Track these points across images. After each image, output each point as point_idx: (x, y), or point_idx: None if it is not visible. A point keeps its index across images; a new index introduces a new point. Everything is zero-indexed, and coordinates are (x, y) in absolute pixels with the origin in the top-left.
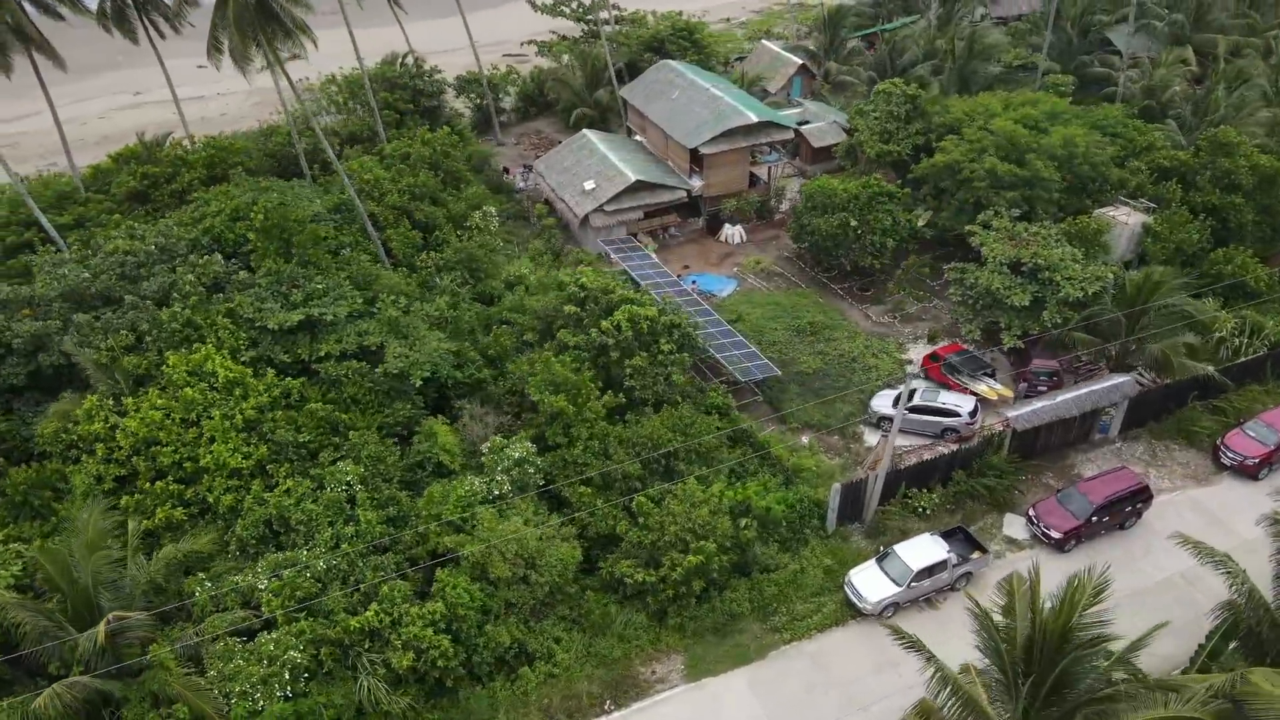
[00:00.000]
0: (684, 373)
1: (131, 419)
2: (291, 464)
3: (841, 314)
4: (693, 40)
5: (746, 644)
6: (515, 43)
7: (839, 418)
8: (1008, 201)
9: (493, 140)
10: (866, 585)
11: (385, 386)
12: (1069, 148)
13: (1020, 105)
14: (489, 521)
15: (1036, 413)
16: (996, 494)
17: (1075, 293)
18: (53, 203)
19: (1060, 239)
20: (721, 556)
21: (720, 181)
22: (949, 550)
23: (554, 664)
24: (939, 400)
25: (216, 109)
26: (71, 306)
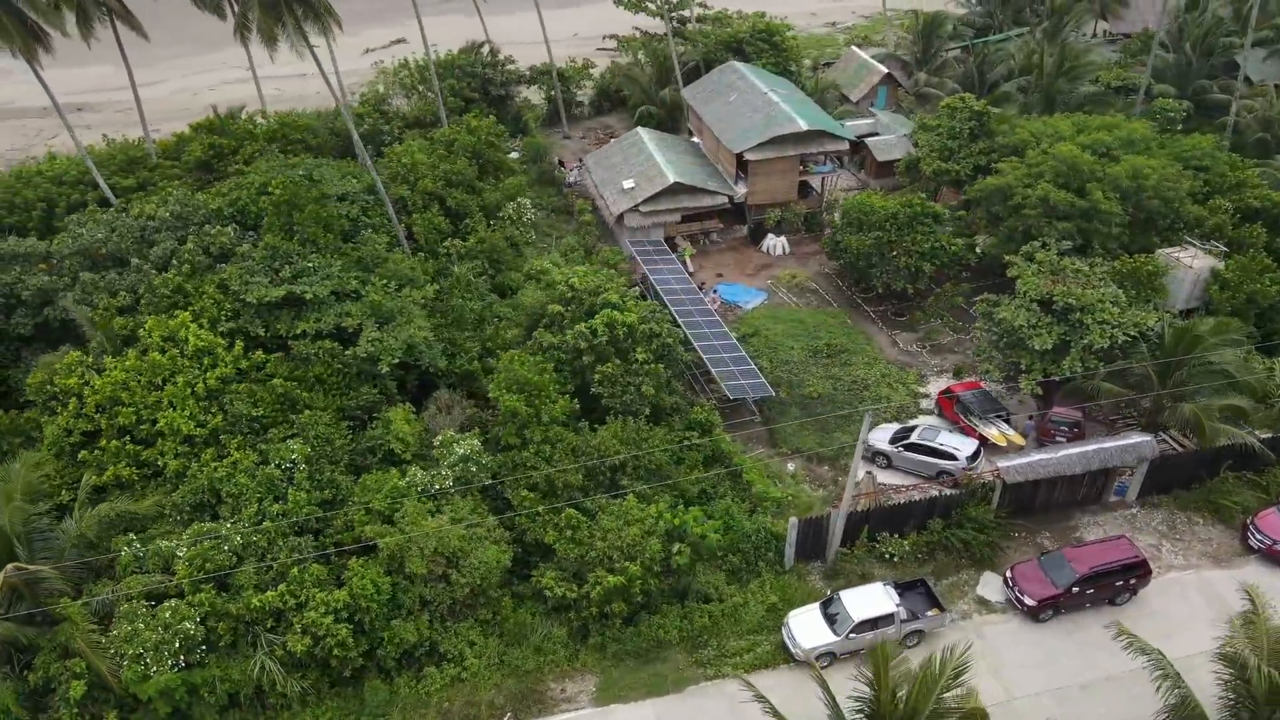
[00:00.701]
0: (661, 385)
1: (100, 377)
2: (244, 437)
3: (867, 338)
4: (771, 42)
5: (666, 674)
6: (605, 37)
7: (834, 447)
8: (1059, 232)
9: (560, 133)
10: (803, 630)
11: (355, 369)
12: (1137, 179)
13: (1096, 129)
14: (412, 515)
15: (1033, 465)
16: (975, 549)
17: (1101, 340)
18: (122, 166)
19: (1105, 278)
20: (651, 580)
21: (766, 189)
22: (899, 604)
23: (463, 667)
24: (937, 440)
25: (314, 87)
26: (83, 265)
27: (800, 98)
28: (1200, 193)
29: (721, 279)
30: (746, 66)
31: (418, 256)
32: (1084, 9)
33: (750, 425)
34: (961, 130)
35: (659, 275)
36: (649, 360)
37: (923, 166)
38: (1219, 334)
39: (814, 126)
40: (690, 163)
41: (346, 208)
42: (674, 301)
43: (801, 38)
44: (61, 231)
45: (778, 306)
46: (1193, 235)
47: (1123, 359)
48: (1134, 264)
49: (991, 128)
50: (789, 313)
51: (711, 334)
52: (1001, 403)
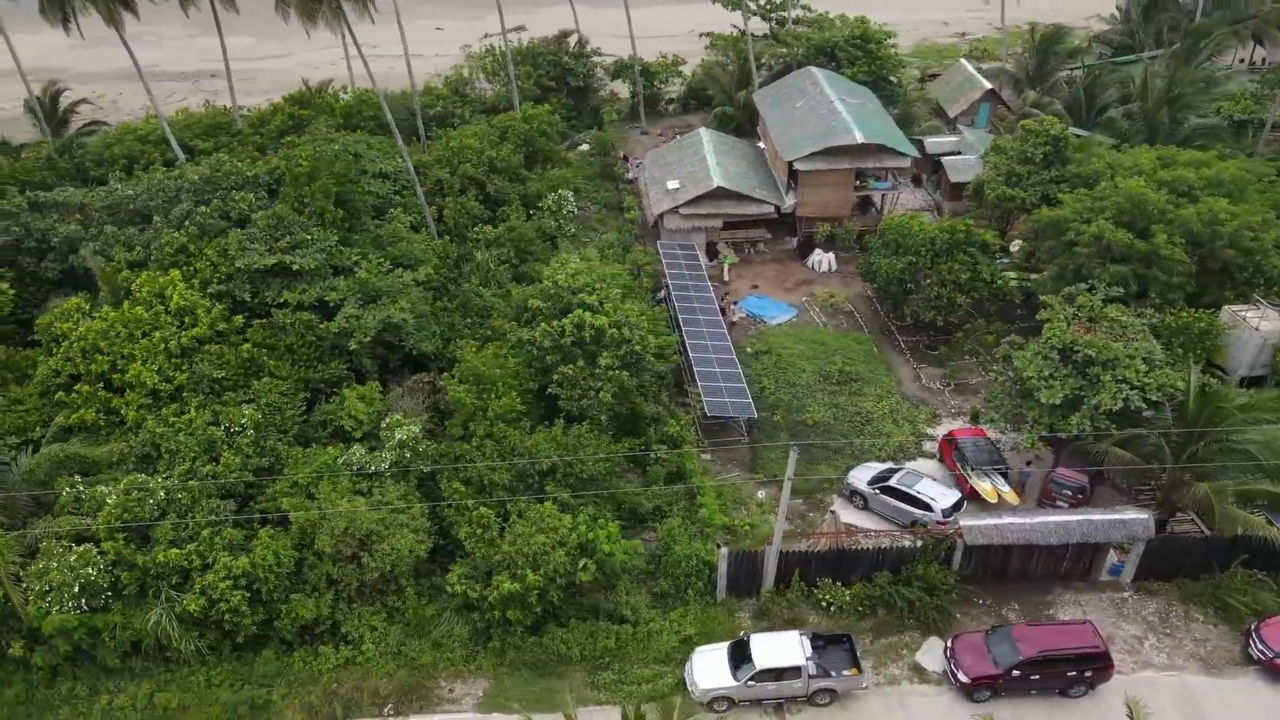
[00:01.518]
0: (628, 393)
1: (86, 324)
2: (205, 396)
3: (889, 368)
4: (866, 49)
5: (557, 691)
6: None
7: (814, 479)
8: (1111, 276)
9: (638, 129)
10: (704, 669)
11: (330, 343)
12: (1212, 225)
13: (1182, 165)
14: (327, 493)
15: (1000, 528)
16: (920, 611)
17: (1111, 401)
18: (204, 131)
19: (1144, 331)
20: (554, 591)
21: (816, 202)
22: (810, 657)
23: (359, 651)
24: (914, 488)
25: (432, 67)
26: (111, 218)
27: (873, 109)
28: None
29: (756, 290)
30: (823, 73)
31: (444, 239)
32: (1225, 34)
33: (736, 445)
34: (1034, 155)
35: (678, 280)
36: (614, 366)
37: (986, 191)
38: (1257, 409)
39: (871, 139)
40: (744, 168)
41: (379, 185)
42: (684, 309)
43: (923, 48)
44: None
45: (804, 325)
46: (1258, 294)
47: (1144, 423)
48: (1185, 319)
49: (1067, 155)
50: (813, 333)
51: (712, 346)
52: (1003, 455)
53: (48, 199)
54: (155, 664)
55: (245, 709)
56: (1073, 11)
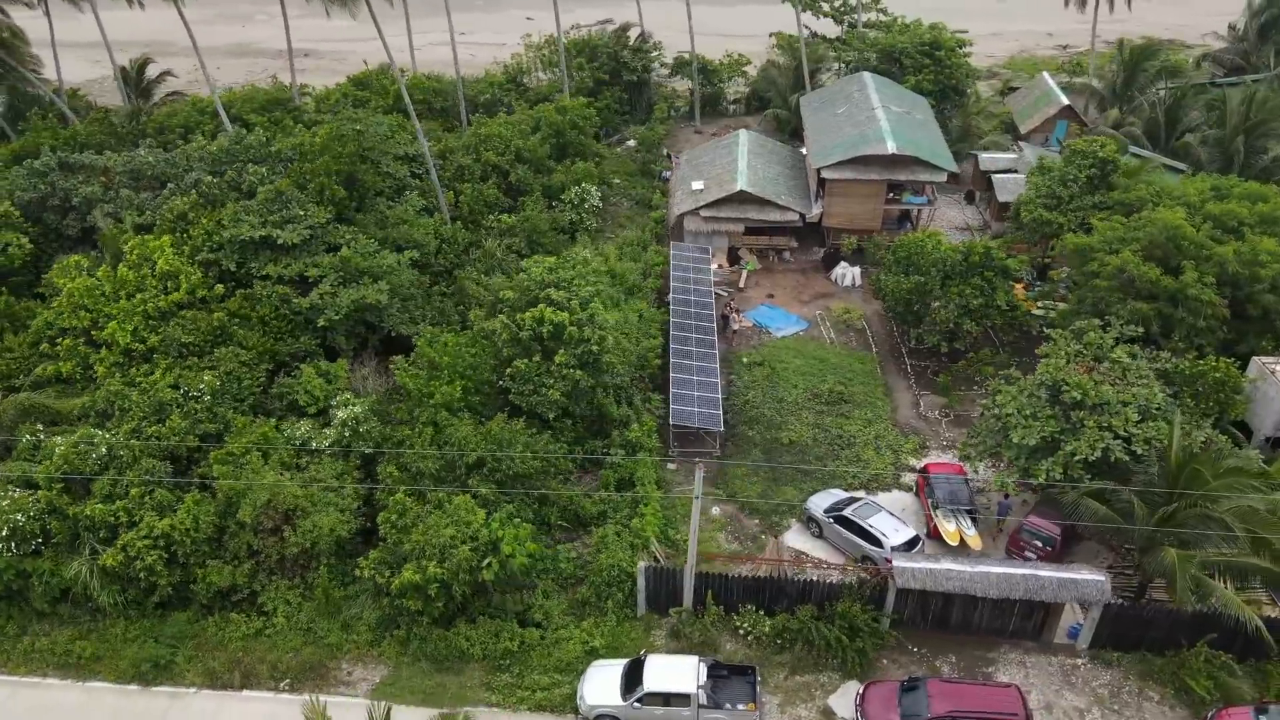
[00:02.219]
0: (579, 392)
1: (75, 280)
2: (173, 359)
3: (888, 392)
4: (934, 57)
5: (450, 688)
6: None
7: (772, 501)
8: (1130, 313)
9: (693, 127)
10: (595, 684)
11: (304, 318)
12: (1251, 266)
13: (1238, 197)
14: (256, 464)
15: (934, 574)
16: (841, 652)
17: (1086, 449)
18: (261, 106)
19: (1149, 377)
20: (459, 586)
21: (843, 213)
22: (702, 685)
23: (271, 623)
24: (867, 520)
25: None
26: (131, 183)
27: (920, 119)
28: None
29: (771, 300)
30: (876, 79)
31: (456, 225)
32: None
33: (706, 457)
34: (1077, 177)
35: (680, 284)
36: (569, 364)
37: (1022, 214)
38: (1243, 474)
39: (903, 151)
40: (776, 174)
41: (397, 167)
42: (678, 313)
43: (1020, 60)
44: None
45: (811, 340)
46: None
47: (1129, 477)
48: (1200, 367)
49: (1113, 179)
50: (817, 348)
51: (697, 354)
52: (974, 495)
53: (77, 160)
54: (83, 612)
55: (149, 666)
56: (1192, 27)
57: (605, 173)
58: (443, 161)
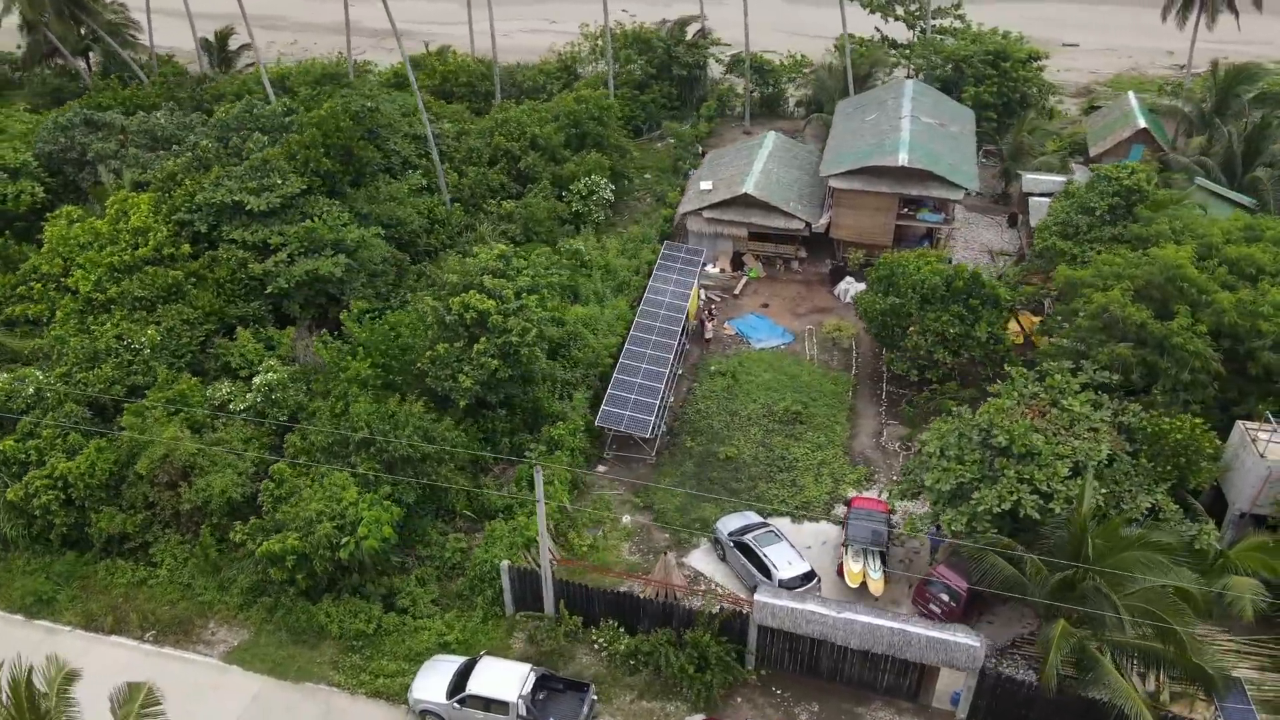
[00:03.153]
0: (496, 383)
1: (53, 228)
2: (128, 311)
3: (852, 417)
4: (998, 68)
5: (297, 660)
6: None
7: (687, 517)
8: (1106, 358)
9: (742, 127)
10: (426, 679)
11: (259, 284)
12: (1252, 318)
13: (1273, 241)
14: (161, 419)
15: (795, 614)
16: (684, 682)
17: (994, 501)
18: (314, 80)
19: (1101, 430)
20: (318, 562)
21: (852, 225)
22: (522, 696)
23: (154, 575)
24: (763, 549)
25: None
26: (145, 142)
27: (954, 132)
28: None
29: (765, 309)
30: (918, 86)
31: (455, 206)
32: None
33: (641, 464)
34: (1099, 207)
35: (659, 284)
36: (487, 353)
37: (1035, 241)
38: (1150, 549)
39: (915, 164)
40: (792, 180)
41: (402, 144)
42: (645, 314)
43: (1128, 78)
44: None
45: (790, 354)
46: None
47: (1045, 536)
48: (1163, 425)
49: (1136, 211)
50: (793, 364)
51: (649, 356)
52: (883, 537)
53: (99, 118)
54: None
55: (33, 600)
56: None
57: (631, 166)
58: (458, 143)
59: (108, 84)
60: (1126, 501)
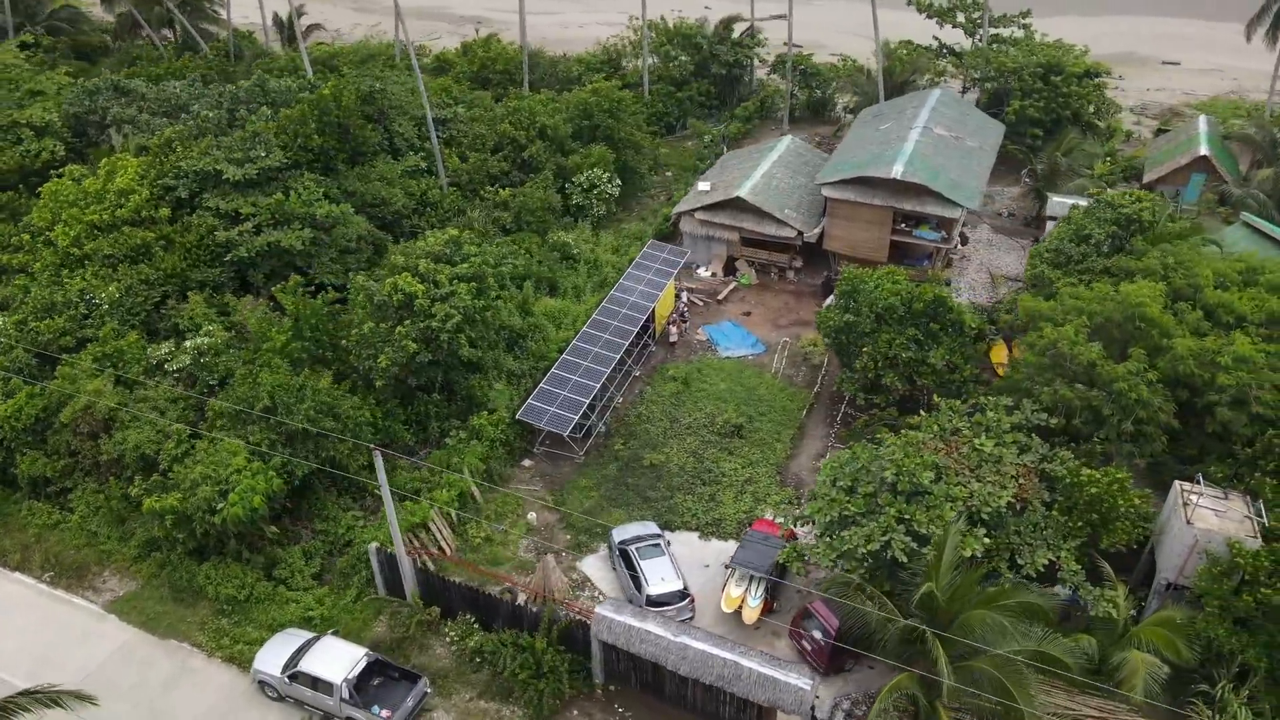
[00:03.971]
0: (417, 368)
1: (52, 183)
2: (99, 268)
3: (797, 435)
4: (1048, 82)
5: (170, 618)
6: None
7: (597, 521)
8: (1045, 398)
9: (776, 128)
10: (270, 649)
11: (224, 252)
12: (1208, 368)
13: (1269, 287)
14: (87, 372)
15: (630, 632)
16: (520, 687)
17: (858, 540)
18: (360, 60)
19: (1009, 475)
20: (198, 523)
21: (845, 238)
22: (347, 679)
23: (67, 520)
24: (641, 563)
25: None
26: (157, 109)
27: (967, 148)
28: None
29: (746, 317)
30: (946, 95)
31: (453, 190)
32: None
33: (570, 461)
34: (1097, 235)
35: (629, 283)
36: (407, 335)
37: (1025, 268)
38: (1000, 608)
39: (910, 177)
40: (795, 186)
41: (405, 126)
42: (606, 311)
43: (1223, 100)
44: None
45: (756, 366)
46: (1198, 475)
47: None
48: (1080, 478)
49: (1133, 243)
50: (753, 375)
51: (594, 355)
52: (770, 564)
53: (125, 85)
54: None
55: None
56: None
57: (643, 163)
58: (469, 128)
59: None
60: (1023, 555)
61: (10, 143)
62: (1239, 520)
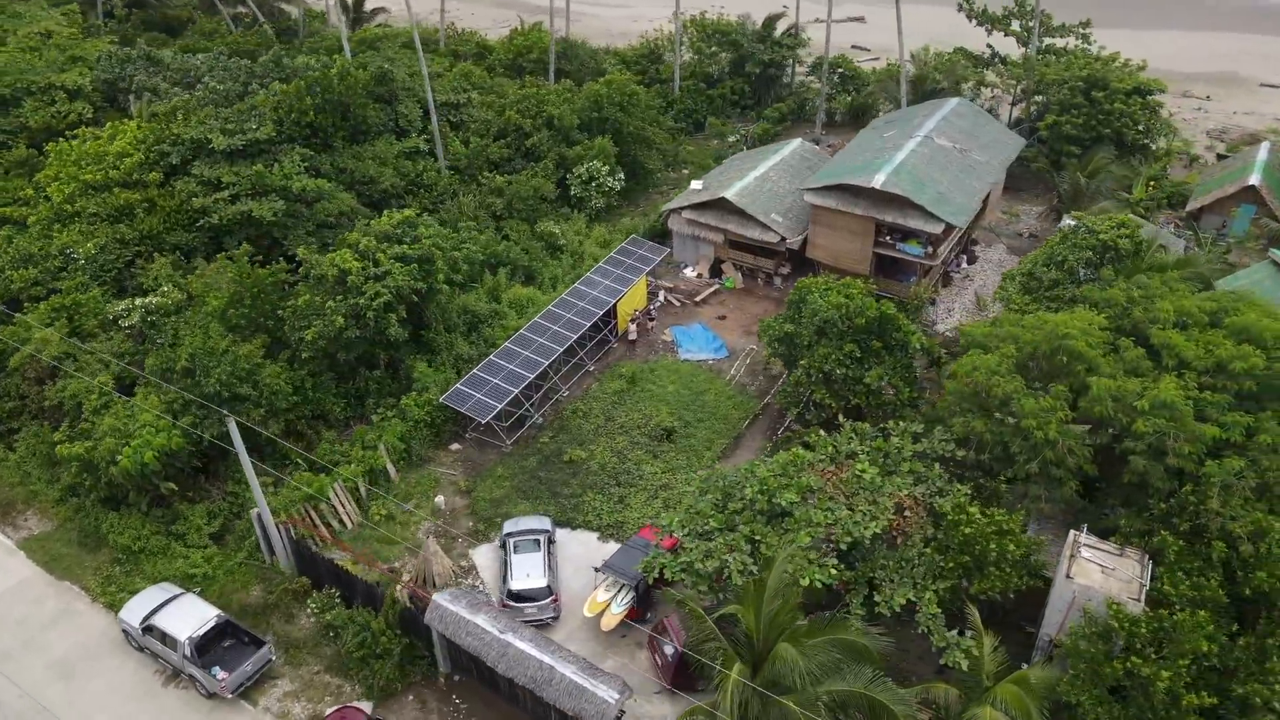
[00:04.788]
0: (346, 342)
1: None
2: (86, 225)
3: (730, 445)
4: (1090, 97)
5: (66, 561)
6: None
7: (501, 510)
8: (955, 429)
9: (810, 132)
10: (138, 600)
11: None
12: (1127, 412)
13: (1232, 330)
14: (40, 318)
15: (458, 623)
16: (354, 666)
17: (701, 560)
18: (407, 43)
19: (883, 506)
20: (103, 473)
21: (826, 246)
22: (190, 637)
23: (8, 459)
24: (513, 556)
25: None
26: (177, 79)
27: (971, 162)
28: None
29: (721, 320)
30: (963, 105)
31: (451, 174)
32: None
33: (494, 449)
34: (1070, 261)
35: (598, 276)
36: (337, 311)
37: (995, 292)
38: (811, 647)
39: (890, 188)
40: (789, 190)
41: (411, 108)
42: (562, 303)
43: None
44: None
45: (712, 370)
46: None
47: None
48: (957, 515)
49: (1102, 272)
50: (707, 380)
51: (537, 346)
52: (633, 574)
53: (156, 55)
54: None
55: None
56: None
57: (651, 159)
58: (479, 113)
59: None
60: (883, 591)
61: (45, 103)
62: (1126, 580)
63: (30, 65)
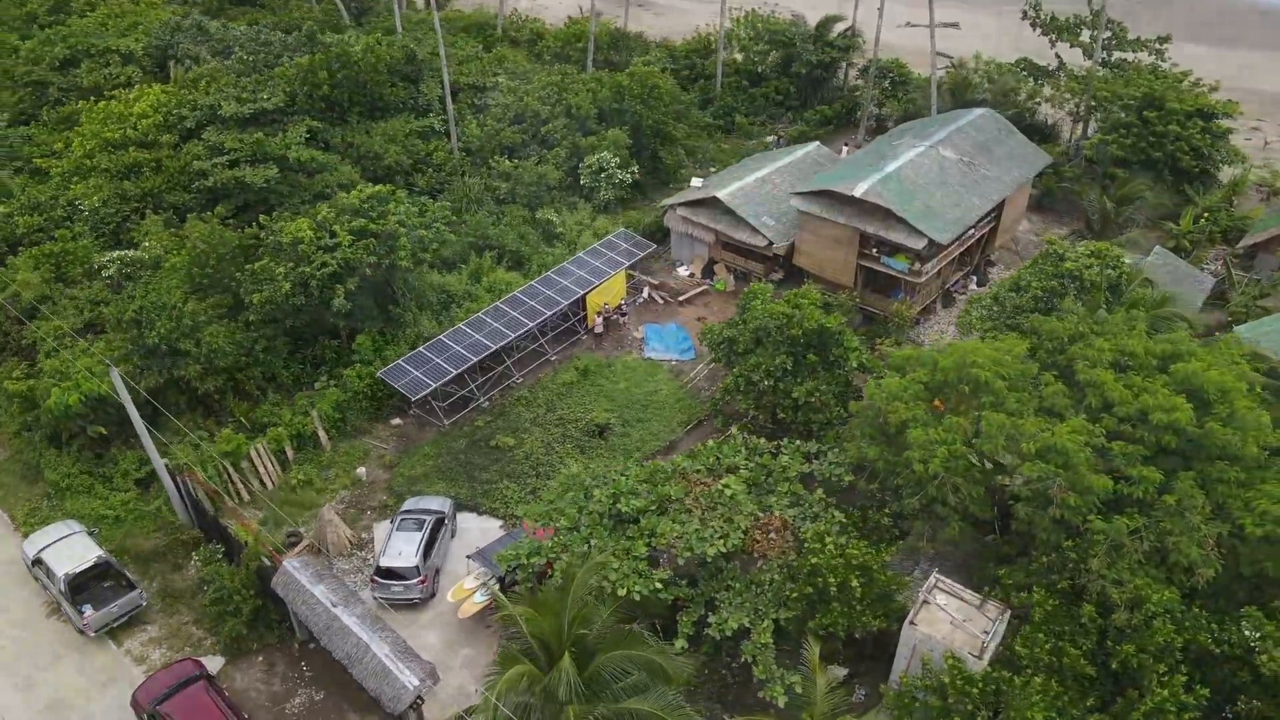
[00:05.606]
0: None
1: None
2: (100, 179)
3: (665, 447)
4: (1143, 117)
5: (5, 487)
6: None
7: (418, 488)
8: (856, 455)
9: (854, 138)
10: (42, 534)
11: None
12: (1016, 453)
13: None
14: (28, 261)
15: (297, 590)
16: (208, 621)
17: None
18: (465, 27)
19: (735, 526)
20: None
21: (812, 255)
22: (67, 573)
23: None
24: (393, 532)
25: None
26: (218, 49)
27: (978, 176)
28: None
29: (700, 321)
30: (983, 116)
31: (462, 156)
32: None
33: (432, 427)
34: (1038, 288)
35: (572, 267)
36: (284, 276)
37: (959, 317)
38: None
39: (872, 199)
40: (789, 193)
41: (431, 88)
42: (528, 291)
43: None
44: None
45: (672, 371)
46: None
47: None
48: (813, 544)
49: (1060, 303)
50: (665, 380)
51: (489, 331)
52: (496, 568)
53: (207, 25)
54: None
55: None
56: None
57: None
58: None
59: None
60: (721, 612)
61: (99, 65)
62: (974, 634)
63: (99, 30)
